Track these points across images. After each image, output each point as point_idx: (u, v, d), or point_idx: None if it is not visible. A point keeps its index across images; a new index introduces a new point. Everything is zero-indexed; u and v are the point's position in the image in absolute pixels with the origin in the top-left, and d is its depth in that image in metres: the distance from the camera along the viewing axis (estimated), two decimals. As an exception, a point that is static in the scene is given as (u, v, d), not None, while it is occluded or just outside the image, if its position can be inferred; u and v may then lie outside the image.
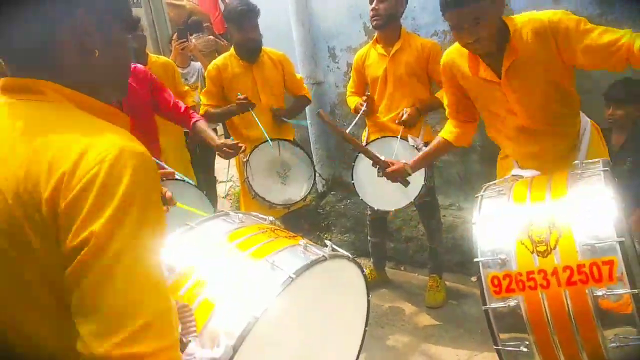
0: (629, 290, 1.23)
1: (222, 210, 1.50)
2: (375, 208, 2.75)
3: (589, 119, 2.01)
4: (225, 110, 2.97)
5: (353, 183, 2.78)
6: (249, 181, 2.80)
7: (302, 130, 4.05)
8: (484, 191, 1.66)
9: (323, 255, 1.19)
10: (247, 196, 2.95)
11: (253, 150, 2.85)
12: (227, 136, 4.92)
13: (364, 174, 2.74)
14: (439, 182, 3.34)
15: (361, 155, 2.74)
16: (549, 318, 1.33)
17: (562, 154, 1.93)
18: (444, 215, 3.27)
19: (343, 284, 1.36)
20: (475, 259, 1.44)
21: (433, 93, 2.79)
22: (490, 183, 1.75)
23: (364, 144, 2.81)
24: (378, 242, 3.20)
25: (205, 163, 4.65)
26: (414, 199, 2.62)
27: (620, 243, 1.26)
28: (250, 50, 2.89)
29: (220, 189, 5.22)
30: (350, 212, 3.90)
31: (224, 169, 5.45)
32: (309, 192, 2.99)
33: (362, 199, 2.78)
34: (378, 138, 2.75)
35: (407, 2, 2.72)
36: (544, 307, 1.33)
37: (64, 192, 0.68)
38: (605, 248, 1.28)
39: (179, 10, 8.06)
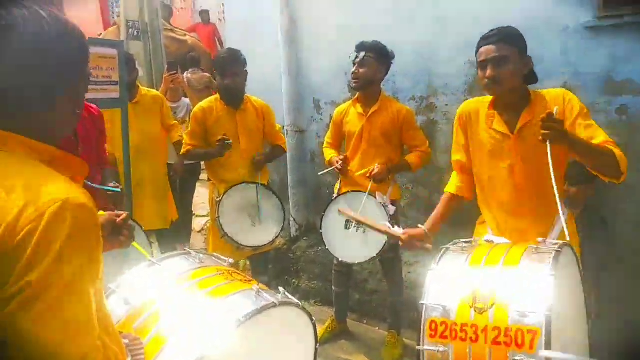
0: None
1: (185, 249, 1.57)
2: (340, 259, 2.84)
3: (566, 209, 2.08)
4: (206, 152, 3.08)
5: (321, 232, 2.88)
6: (219, 220, 2.88)
7: (281, 174, 4.18)
8: (450, 245, 1.81)
9: (273, 302, 1.27)
10: (215, 235, 3.02)
11: (227, 190, 2.94)
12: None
13: (333, 224, 2.85)
14: (406, 239, 3.44)
15: (332, 206, 2.86)
16: (471, 371, 1.44)
17: (535, 234, 1.95)
18: (409, 272, 3.36)
19: (293, 331, 1.43)
20: (421, 301, 1.57)
21: (403, 156, 2.95)
22: (459, 240, 1.87)
23: (335, 195, 2.93)
24: (341, 293, 3.27)
25: (184, 196, 4.73)
26: (377, 254, 2.72)
27: (547, 316, 1.37)
28: (232, 96, 3.02)
29: (197, 223, 5.26)
30: (320, 260, 3.96)
31: (202, 204, 5.50)
32: (278, 236, 3.07)
33: (327, 248, 2.86)
34: (349, 192, 2.88)
35: (387, 70, 2.90)
36: (469, 359, 1.45)
37: (7, 243, 0.73)
38: (532, 318, 1.40)
39: (181, 45, 8.30)
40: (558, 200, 1.68)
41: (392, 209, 2.77)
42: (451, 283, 1.60)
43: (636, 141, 2.54)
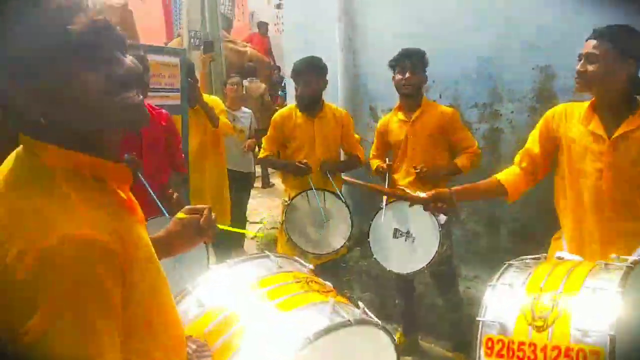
0: None
1: (264, 252, 1.48)
2: (388, 269, 2.75)
3: None
4: (282, 164, 3.18)
5: (369, 241, 2.80)
6: (285, 225, 2.89)
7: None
8: (514, 261, 1.73)
9: (348, 320, 1.14)
10: (283, 239, 3.04)
11: (295, 196, 2.95)
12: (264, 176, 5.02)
13: (381, 234, 2.78)
14: (463, 251, 3.28)
15: (379, 215, 2.79)
16: (529, 391, 1.37)
17: (615, 249, 1.81)
18: (468, 287, 3.20)
19: (370, 353, 1.28)
20: (478, 318, 1.51)
21: (453, 159, 2.85)
22: (526, 257, 1.77)
23: (383, 204, 2.85)
24: (403, 305, 3.17)
25: (238, 203, 4.79)
26: (427, 264, 2.61)
27: (612, 336, 1.28)
28: (305, 103, 3.04)
29: (250, 229, 5.30)
30: (374, 271, 3.87)
31: (255, 210, 5.56)
32: (343, 246, 3.01)
33: (374, 258, 2.78)
34: (395, 200, 2.79)
35: (427, 78, 2.90)
36: None
37: (4, 283, 0.67)
38: (595, 338, 1.31)
39: (241, 55, 8.59)
40: None
41: (442, 218, 2.63)
42: (510, 300, 1.53)
43: None
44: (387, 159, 3.02)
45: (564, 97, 2.69)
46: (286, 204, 2.95)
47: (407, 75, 2.78)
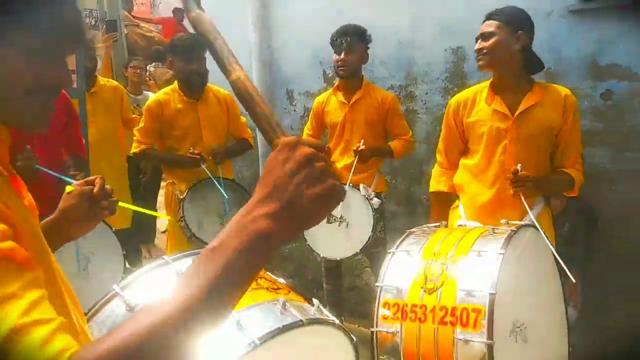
0: (485, 341, 1.37)
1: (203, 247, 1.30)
2: (322, 255, 2.69)
3: (544, 204, 2.12)
4: (172, 158, 2.82)
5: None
6: (184, 220, 2.60)
7: (254, 169, 4.00)
8: (415, 229, 1.89)
9: (300, 320, 1.04)
10: (178, 237, 2.74)
11: (190, 188, 2.69)
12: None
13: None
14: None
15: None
16: (419, 351, 1.49)
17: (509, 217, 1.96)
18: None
19: (326, 352, 1.16)
20: (376, 284, 1.63)
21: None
22: (427, 225, 1.95)
23: None
24: (333, 290, 3.11)
25: (148, 195, 4.49)
26: (361, 249, 2.59)
27: (491, 295, 1.40)
28: (194, 84, 2.74)
29: (162, 223, 5.00)
30: (294, 256, 3.81)
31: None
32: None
33: (309, 245, 2.71)
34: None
35: (368, 56, 2.79)
36: (417, 340, 1.49)
37: None
38: (478, 297, 1.42)
39: (148, 41, 8.06)
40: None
41: (377, 202, 2.63)
42: (407, 266, 1.63)
43: (621, 126, 2.51)
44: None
45: (473, 77, 2.80)
46: (181, 197, 2.64)
47: (342, 55, 2.64)
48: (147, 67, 6.04)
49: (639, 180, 2.46)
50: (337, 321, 1.14)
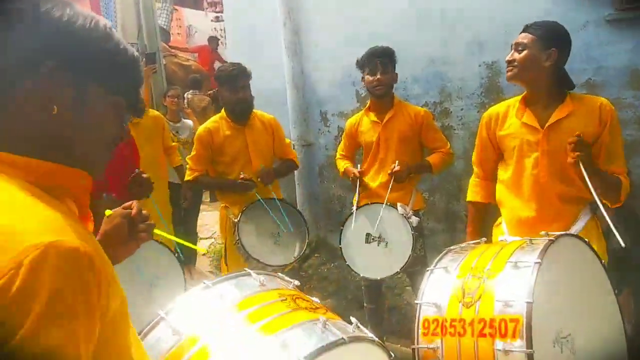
0: (525, 350, 1.35)
1: (245, 270, 1.36)
2: (361, 275, 2.68)
3: (590, 215, 2.05)
4: (224, 184, 2.93)
5: (340, 247, 2.72)
6: (240, 242, 2.68)
7: (289, 190, 4.05)
8: (454, 247, 1.87)
9: (342, 338, 1.06)
10: (236, 258, 2.81)
11: (243, 211, 2.78)
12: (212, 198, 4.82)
13: (352, 239, 2.70)
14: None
15: (350, 220, 2.72)
16: (460, 364, 1.46)
17: (550, 229, 1.93)
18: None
19: None
20: (416, 301, 1.64)
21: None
22: (467, 243, 1.93)
23: (354, 208, 2.78)
24: (373, 309, 3.07)
25: (188, 219, 4.60)
26: (401, 268, 2.57)
27: (528, 303, 1.38)
28: (242, 111, 2.87)
29: (201, 245, 5.10)
30: (333, 276, 3.81)
31: (206, 225, 5.36)
32: (302, 252, 2.90)
33: (348, 265, 2.71)
34: (367, 204, 2.74)
35: (397, 76, 2.82)
36: (458, 354, 1.48)
37: None
38: (515, 307, 1.41)
39: (186, 70, 8.37)
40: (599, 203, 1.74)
41: (415, 220, 2.60)
42: (445, 282, 1.64)
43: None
44: (357, 165, 2.91)
45: (510, 91, 2.77)
46: (236, 220, 2.74)
47: (378, 76, 2.68)
48: (185, 95, 6.26)
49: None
50: (376, 338, 1.16)
